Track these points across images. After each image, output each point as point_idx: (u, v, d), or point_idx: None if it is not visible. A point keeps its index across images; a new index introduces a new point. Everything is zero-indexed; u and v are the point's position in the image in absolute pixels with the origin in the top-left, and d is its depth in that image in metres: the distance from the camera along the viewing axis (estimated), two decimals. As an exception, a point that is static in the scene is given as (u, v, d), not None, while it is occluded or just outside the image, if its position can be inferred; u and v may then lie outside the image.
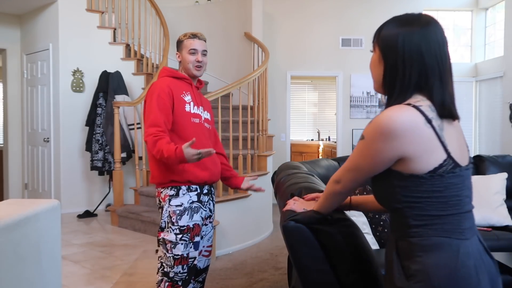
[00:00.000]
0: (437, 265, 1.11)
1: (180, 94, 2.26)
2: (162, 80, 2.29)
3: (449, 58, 1.17)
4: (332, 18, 6.97)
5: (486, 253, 1.18)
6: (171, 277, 2.19)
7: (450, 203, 1.13)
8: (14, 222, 1.74)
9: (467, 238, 1.14)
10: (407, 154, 1.10)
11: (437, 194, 1.12)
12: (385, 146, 1.10)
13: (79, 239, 4.50)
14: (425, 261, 1.12)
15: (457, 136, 1.17)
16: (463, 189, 1.15)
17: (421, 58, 1.12)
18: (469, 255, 1.12)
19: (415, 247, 1.15)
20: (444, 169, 1.11)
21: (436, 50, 1.13)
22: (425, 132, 1.09)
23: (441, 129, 1.12)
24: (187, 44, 2.31)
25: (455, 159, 1.12)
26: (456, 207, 1.14)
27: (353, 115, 6.99)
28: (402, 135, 1.08)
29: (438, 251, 1.12)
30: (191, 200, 2.23)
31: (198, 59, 2.30)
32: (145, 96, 2.29)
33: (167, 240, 2.19)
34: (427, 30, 1.14)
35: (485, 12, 7.11)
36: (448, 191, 1.12)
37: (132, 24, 6.22)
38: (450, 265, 1.11)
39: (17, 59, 6.48)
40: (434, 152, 1.10)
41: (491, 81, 6.70)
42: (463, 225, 1.15)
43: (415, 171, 1.11)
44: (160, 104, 2.18)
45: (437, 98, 1.13)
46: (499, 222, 3.34)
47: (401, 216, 1.18)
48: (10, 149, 6.50)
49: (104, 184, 6.00)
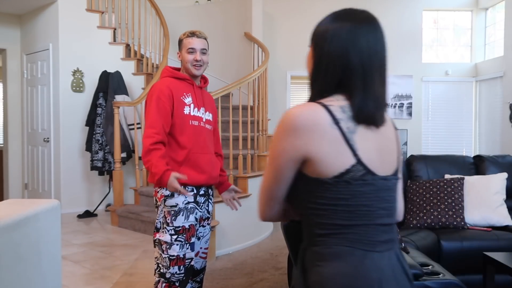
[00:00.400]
0: (334, 275, 1.02)
1: (180, 96, 2.25)
2: (162, 81, 2.28)
3: (382, 60, 1.07)
4: (332, 18, 6.96)
5: (404, 275, 1.07)
6: (167, 277, 2.19)
7: (357, 212, 1.03)
8: (14, 222, 1.74)
9: (377, 251, 1.04)
10: (310, 155, 1.00)
11: (342, 202, 1.02)
12: (288, 144, 1.02)
13: (79, 239, 4.50)
14: (322, 270, 1.04)
15: (380, 144, 1.06)
16: (375, 200, 1.04)
17: (346, 57, 1.03)
18: (375, 268, 1.02)
19: (317, 256, 1.06)
20: (351, 175, 1.01)
21: (364, 50, 1.04)
22: (329, 133, 1.00)
23: (352, 132, 1.02)
24: (185, 43, 2.28)
25: (368, 166, 1.02)
26: (365, 217, 1.03)
27: (353, 115, 6.99)
28: (304, 133, 1.00)
29: (338, 260, 1.03)
30: (187, 200, 2.21)
31: (196, 58, 2.26)
32: (146, 96, 2.29)
33: (162, 240, 2.18)
34: (358, 28, 1.05)
35: (485, 12, 7.11)
36: (355, 199, 1.02)
37: (132, 24, 6.21)
38: (348, 275, 1.01)
39: (17, 59, 6.48)
40: (341, 156, 1.00)
41: (491, 81, 6.70)
42: (374, 237, 1.04)
43: (319, 175, 1.01)
44: (160, 107, 2.18)
45: (355, 100, 1.03)
46: (499, 222, 3.34)
47: (307, 224, 1.09)
48: (10, 149, 6.50)
49: (104, 184, 6.00)
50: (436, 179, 3.50)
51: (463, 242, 3.09)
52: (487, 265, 2.59)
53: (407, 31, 6.96)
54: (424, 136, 7.08)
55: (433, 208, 3.34)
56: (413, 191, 3.49)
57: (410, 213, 3.41)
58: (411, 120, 6.99)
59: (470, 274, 3.00)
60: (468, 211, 3.37)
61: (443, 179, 3.47)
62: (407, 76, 6.97)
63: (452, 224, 3.28)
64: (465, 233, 3.19)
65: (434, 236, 3.15)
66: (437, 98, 7.11)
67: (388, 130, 1.10)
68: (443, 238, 3.12)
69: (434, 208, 3.34)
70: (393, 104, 6.97)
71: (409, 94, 6.97)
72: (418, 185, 3.50)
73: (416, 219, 3.35)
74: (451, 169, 3.67)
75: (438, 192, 3.39)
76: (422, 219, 3.33)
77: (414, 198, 3.45)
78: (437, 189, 3.41)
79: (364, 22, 1.07)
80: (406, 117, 6.98)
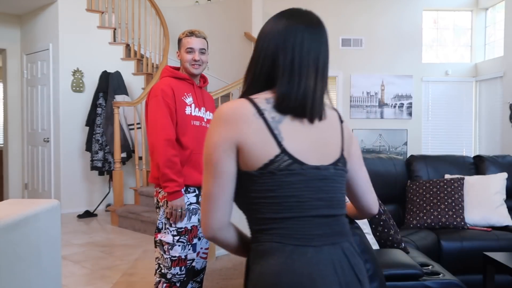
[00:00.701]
0: (262, 274, 1.00)
1: (181, 96, 2.24)
2: (163, 81, 2.26)
3: (318, 58, 1.07)
4: (332, 18, 6.96)
5: (351, 271, 1.03)
6: (168, 278, 2.18)
7: (285, 204, 1.00)
8: (14, 222, 1.74)
9: (312, 245, 1.00)
10: (240, 144, 1.00)
11: (270, 194, 1.00)
12: (218, 137, 1.01)
13: (79, 239, 4.50)
14: (255, 269, 1.02)
15: (315, 135, 1.05)
16: (306, 190, 1.01)
17: (276, 53, 1.05)
18: (306, 264, 0.98)
19: (253, 254, 1.04)
20: (276, 166, 0.99)
21: (296, 48, 1.05)
22: (254, 122, 1.00)
23: (278, 122, 1.01)
24: (184, 42, 2.27)
25: (294, 156, 1.00)
26: (295, 209, 1.00)
27: (353, 115, 6.99)
28: (231, 122, 1.00)
29: (267, 258, 1.00)
30: (189, 201, 2.21)
31: (195, 58, 2.24)
32: (148, 96, 2.26)
33: (164, 241, 2.18)
34: (294, 27, 1.06)
35: (485, 12, 7.11)
36: (282, 190, 1.00)
37: (132, 24, 6.22)
38: (274, 273, 0.98)
39: (17, 59, 6.48)
40: (266, 146, 0.99)
41: (491, 81, 6.70)
42: (308, 231, 1.00)
43: (248, 167, 1.01)
44: (167, 108, 2.17)
45: (279, 91, 1.03)
46: (499, 222, 3.34)
47: (247, 221, 1.07)
48: (10, 149, 6.50)
49: (104, 184, 6.00)
50: (436, 179, 3.50)
51: (463, 242, 3.09)
52: (487, 265, 2.59)
53: (407, 31, 6.96)
54: (424, 136, 7.08)
55: (433, 208, 3.34)
56: (413, 191, 3.49)
57: (410, 213, 3.41)
58: (411, 120, 6.99)
59: (470, 274, 3.00)
60: (468, 211, 3.37)
61: (443, 179, 3.47)
62: (407, 76, 6.97)
63: (452, 224, 3.28)
64: (465, 233, 3.19)
65: (434, 236, 3.15)
66: (437, 98, 7.11)
67: (330, 124, 1.09)
68: (443, 238, 3.12)
69: (434, 208, 3.34)
70: (393, 104, 6.98)
71: (409, 94, 6.97)
72: (418, 185, 3.50)
73: (416, 219, 3.35)
74: (451, 169, 3.67)
75: (438, 192, 3.39)
76: (422, 219, 3.33)
77: (414, 198, 3.45)
78: (437, 189, 3.41)
79: (303, 21, 1.08)
80: (406, 117, 6.98)
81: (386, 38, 6.95)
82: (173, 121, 2.19)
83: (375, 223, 2.62)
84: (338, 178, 1.07)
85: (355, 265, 1.04)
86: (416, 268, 2.12)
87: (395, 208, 3.56)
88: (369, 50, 6.97)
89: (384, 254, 2.29)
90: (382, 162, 3.64)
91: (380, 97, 6.97)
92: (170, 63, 5.96)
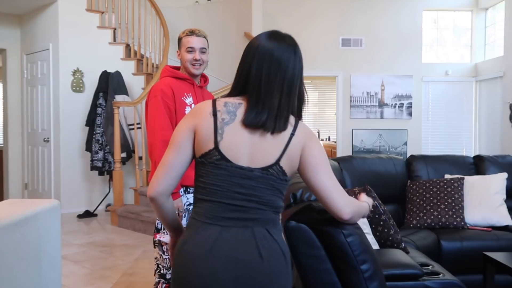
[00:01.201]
0: (178, 242, 1.29)
1: (181, 96, 2.23)
2: (162, 81, 2.26)
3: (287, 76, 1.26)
4: (332, 18, 6.96)
5: (256, 251, 1.21)
6: (168, 278, 2.18)
7: (208, 189, 1.25)
8: (14, 222, 1.74)
9: (220, 224, 1.23)
10: (196, 130, 1.26)
11: (200, 178, 1.27)
12: (184, 123, 1.29)
13: (79, 239, 4.50)
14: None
15: (256, 142, 1.24)
16: (227, 183, 1.24)
17: (250, 67, 1.27)
18: (208, 237, 1.21)
19: None
20: (207, 158, 1.24)
21: (266, 65, 1.26)
22: (207, 119, 1.25)
23: (226, 123, 1.25)
24: (185, 41, 2.25)
25: (224, 153, 1.23)
26: (212, 195, 1.25)
27: (353, 115, 6.99)
28: (194, 115, 1.28)
29: (186, 229, 1.30)
30: (188, 201, 2.21)
31: (195, 58, 2.22)
32: (147, 96, 2.26)
33: (163, 242, 2.17)
34: (269, 46, 1.27)
35: (485, 12, 7.11)
36: (208, 178, 1.25)
37: (132, 24, 6.21)
38: (183, 241, 1.26)
39: (17, 59, 6.48)
40: (207, 140, 1.24)
41: (491, 81, 6.70)
42: (219, 213, 1.23)
43: (196, 154, 1.28)
44: (166, 108, 2.16)
45: (248, 106, 1.26)
46: (499, 222, 3.34)
47: None
48: (10, 149, 6.50)
49: (104, 184, 6.00)
50: (436, 179, 3.50)
51: (463, 242, 3.09)
52: (487, 265, 2.59)
53: (407, 31, 6.96)
54: (424, 136, 7.08)
55: (433, 208, 3.34)
56: (413, 191, 3.49)
57: (410, 213, 3.41)
58: (411, 120, 6.99)
59: (470, 274, 3.00)
60: (468, 211, 3.37)
61: (443, 179, 3.47)
62: (407, 76, 6.97)
63: (452, 224, 3.28)
64: (465, 233, 3.18)
65: (434, 236, 3.15)
66: (437, 98, 7.10)
67: (276, 136, 1.25)
68: (443, 238, 3.12)
69: (434, 208, 3.34)
70: (393, 104, 6.97)
71: (409, 94, 6.97)
72: (418, 185, 3.50)
73: (416, 219, 3.35)
74: (451, 169, 3.67)
75: (438, 192, 3.39)
76: (422, 219, 3.32)
77: (414, 198, 3.45)
78: (437, 189, 3.41)
79: (279, 43, 1.28)
80: (406, 117, 6.98)
81: (386, 38, 6.95)
82: (172, 121, 2.18)
83: (375, 223, 2.62)
84: (265, 180, 1.25)
85: (263, 246, 1.22)
86: (416, 268, 2.12)
87: (395, 208, 3.56)
88: (369, 50, 6.97)
89: (384, 254, 2.29)
90: (382, 162, 3.64)
91: (380, 97, 6.97)
92: (170, 63, 5.95)
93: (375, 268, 1.55)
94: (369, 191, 2.66)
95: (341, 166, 3.49)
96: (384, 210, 2.65)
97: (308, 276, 1.59)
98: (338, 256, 1.55)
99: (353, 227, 1.53)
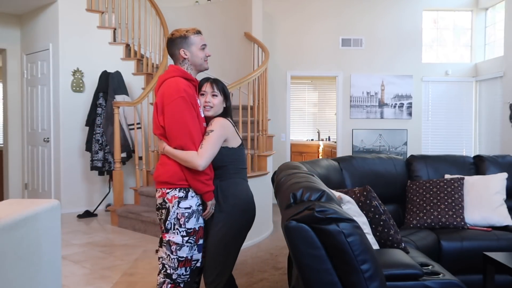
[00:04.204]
0: (241, 191, 2.35)
1: (196, 98, 2.24)
2: (181, 80, 2.19)
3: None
4: (332, 18, 6.97)
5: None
6: (174, 279, 2.18)
7: (243, 162, 2.36)
8: (14, 222, 1.74)
9: (247, 180, 2.40)
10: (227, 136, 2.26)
11: (239, 157, 2.34)
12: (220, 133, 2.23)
13: (79, 239, 4.50)
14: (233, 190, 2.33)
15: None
16: (244, 157, 2.40)
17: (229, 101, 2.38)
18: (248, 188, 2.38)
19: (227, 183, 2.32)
20: (241, 146, 2.35)
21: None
22: (232, 129, 2.30)
23: (237, 128, 2.40)
24: (196, 40, 2.25)
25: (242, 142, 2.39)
26: (244, 164, 2.38)
27: (353, 115, 6.99)
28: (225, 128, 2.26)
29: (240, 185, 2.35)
30: (199, 202, 2.22)
31: (208, 54, 2.32)
32: (166, 95, 2.16)
33: (173, 242, 2.17)
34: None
35: (485, 12, 7.11)
36: (242, 156, 2.37)
37: (132, 24, 6.22)
38: (246, 189, 2.37)
39: (17, 59, 6.48)
40: (237, 138, 2.32)
41: (491, 81, 6.70)
42: (245, 176, 2.38)
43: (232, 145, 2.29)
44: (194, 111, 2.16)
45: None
46: (499, 222, 3.34)
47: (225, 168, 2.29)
48: (10, 149, 6.50)
49: (104, 184, 6.00)
50: (436, 179, 3.50)
51: (463, 242, 3.09)
52: (487, 265, 2.59)
53: (407, 31, 6.97)
54: (424, 136, 7.09)
55: (433, 208, 3.34)
56: (413, 191, 3.49)
57: (410, 213, 3.42)
58: (411, 120, 6.99)
59: (470, 274, 3.00)
60: (468, 211, 3.37)
61: (443, 179, 3.47)
62: (407, 76, 6.97)
63: (452, 224, 3.28)
64: (465, 233, 3.18)
65: (434, 236, 3.15)
66: (437, 98, 7.11)
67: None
68: (443, 238, 3.12)
69: (434, 208, 3.34)
70: (393, 104, 6.98)
71: (409, 94, 6.97)
72: (418, 185, 3.50)
73: (416, 219, 3.35)
74: (451, 169, 3.67)
75: (438, 192, 3.39)
76: (422, 219, 3.33)
77: (414, 198, 3.45)
78: (437, 189, 3.41)
79: None
80: (406, 117, 6.98)
81: (386, 38, 6.95)
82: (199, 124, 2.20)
83: (375, 223, 2.62)
84: None
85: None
86: (416, 268, 2.12)
87: (395, 208, 3.56)
88: (369, 50, 6.97)
89: (384, 254, 2.29)
90: (382, 162, 3.64)
91: (380, 97, 6.97)
92: (170, 63, 5.97)
93: (375, 268, 1.55)
94: (369, 191, 2.66)
95: (341, 166, 3.49)
96: (384, 210, 2.64)
97: (308, 276, 1.59)
98: (338, 256, 1.55)
99: (353, 227, 1.53)
